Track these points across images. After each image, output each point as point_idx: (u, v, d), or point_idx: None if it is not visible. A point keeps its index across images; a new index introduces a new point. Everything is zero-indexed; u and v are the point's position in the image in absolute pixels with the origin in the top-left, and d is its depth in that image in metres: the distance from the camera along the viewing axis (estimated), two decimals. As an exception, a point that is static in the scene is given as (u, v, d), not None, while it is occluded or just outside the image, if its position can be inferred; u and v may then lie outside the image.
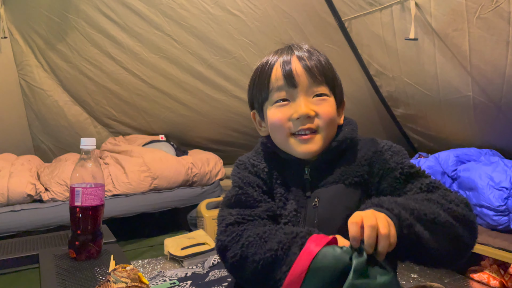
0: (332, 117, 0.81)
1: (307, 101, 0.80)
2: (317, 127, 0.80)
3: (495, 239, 2.07)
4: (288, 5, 2.57)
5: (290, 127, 0.80)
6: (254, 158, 0.90)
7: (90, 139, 1.11)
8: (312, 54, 0.83)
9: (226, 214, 0.81)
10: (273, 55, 0.86)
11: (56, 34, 2.78)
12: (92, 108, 3.32)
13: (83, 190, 1.08)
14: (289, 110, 0.80)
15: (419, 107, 2.89)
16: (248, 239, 0.73)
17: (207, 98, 3.18)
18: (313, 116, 0.79)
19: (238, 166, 0.90)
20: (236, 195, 0.83)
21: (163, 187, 2.98)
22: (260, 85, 0.85)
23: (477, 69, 2.27)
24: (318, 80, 0.80)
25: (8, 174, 2.60)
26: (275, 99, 0.82)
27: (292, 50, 0.84)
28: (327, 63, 0.84)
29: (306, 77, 0.80)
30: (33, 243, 1.27)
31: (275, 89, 0.82)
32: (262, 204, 0.82)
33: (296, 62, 0.81)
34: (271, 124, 0.84)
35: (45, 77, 3.05)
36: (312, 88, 0.80)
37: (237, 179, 0.86)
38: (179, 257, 2.52)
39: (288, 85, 0.80)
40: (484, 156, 2.57)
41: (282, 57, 0.83)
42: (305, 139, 0.80)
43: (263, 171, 0.86)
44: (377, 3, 2.33)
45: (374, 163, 0.81)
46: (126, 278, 0.80)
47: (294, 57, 0.82)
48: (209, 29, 2.70)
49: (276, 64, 0.83)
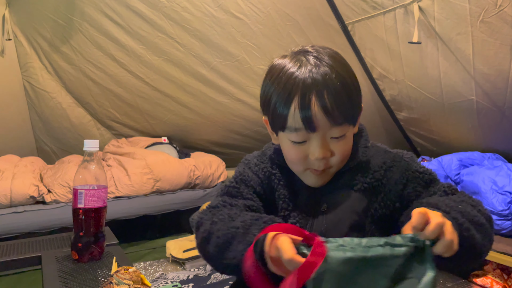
0: (347, 153, 0.80)
1: (324, 143, 0.76)
2: (330, 166, 0.79)
3: (498, 243, 2.07)
4: (292, 9, 2.58)
5: (305, 164, 0.79)
6: (258, 158, 0.90)
7: (94, 141, 1.11)
8: (332, 84, 0.73)
9: (213, 200, 0.85)
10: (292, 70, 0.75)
11: (60, 37, 2.79)
12: (95, 110, 3.33)
13: (86, 192, 1.08)
14: (305, 150, 0.77)
15: (422, 111, 2.88)
16: (218, 217, 0.76)
17: (210, 100, 3.18)
18: (329, 157, 0.77)
19: (243, 162, 0.92)
20: (228, 187, 0.86)
21: (165, 189, 2.98)
22: (276, 111, 0.76)
23: (481, 73, 2.27)
24: (338, 122, 0.74)
25: (11, 175, 2.61)
26: (292, 138, 0.77)
27: (309, 78, 0.73)
28: (347, 89, 0.75)
29: (326, 121, 0.73)
30: (35, 244, 1.27)
31: (292, 129, 0.75)
32: (247, 199, 0.84)
33: (315, 105, 0.72)
34: (286, 155, 0.82)
35: (48, 79, 3.06)
36: (331, 130, 0.75)
37: (237, 174, 0.89)
38: (181, 260, 2.52)
39: (306, 130, 0.74)
40: (488, 160, 2.56)
41: (300, 91, 0.73)
42: (317, 174, 0.79)
43: (263, 170, 0.87)
44: (381, 7, 2.33)
45: (393, 171, 0.82)
46: (129, 280, 0.80)
47: (313, 97, 0.72)
48: (213, 32, 2.71)
49: (295, 100, 0.73)
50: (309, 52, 0.77)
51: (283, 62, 0.78)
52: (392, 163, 0.83)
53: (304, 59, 0.76)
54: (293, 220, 0.82)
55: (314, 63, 0.75)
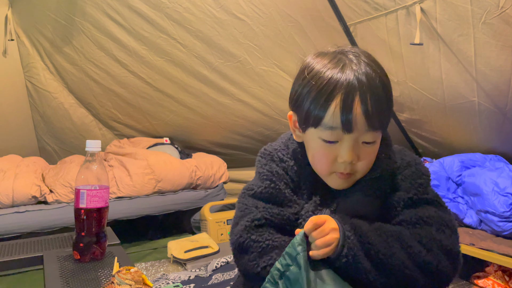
0: (373, 160, 0.79)
1: (355, 146, 0.75)
2: (355, 170, 0.78)
3: (500, 245, 2.06)
4: (293, 10, 2.58)
5: (332, 166, 0.78)
6: (283, 152, 0.85)
7: (96, 141, 1.11)
8: (375, 87, 0.73)
9: (251, 205, 0.80)
10: (333, 72, 0.74)
11: (63, 37, 2.80)
12: (97, 111, 3.34)
13: (88, 192, 1.08)
14: (335, 152, 0.76)
15: (424, 112, 2.88)
16: (270, 254, 0.76)
17: (212, 101, 3.18)
18: (357, 162, 0.77)
19: (264, 157, 0.86)
20: (266, 188, 0.81)
21: (167, 189, 2.98)
22: (313, 109, 0.75)
23: (483, 74, 2.27)
24: (375, 127, 0.74)
25: (13, 175, 2.62)
26: (324, 137, 0.76)
27: (355, 80, 0.73)
28: (387, 94, 0.75)
29: (364, 124, 0.73)
30: (37, 244, 1.27)
31: (327, 126, 0.74)
32: (292, 204, 0.81)
33: (357, 106, 0.72)
34: (313, 155, 0.80)
35: (51, 79, 3.07)
36: (365, 134, 0.74)
37: (266, 171, 0.83)
38: (182, 260, 2.52)
39: (343, 131, 0.74)
40: (489, 161, 2.56)
41: (344, 91, 0.72)
42: (342, 177, 0.78)
43: (293, 168, 0.83)
44: (383, 8, 2.33)
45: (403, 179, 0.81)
46: (130, 280, 0.80)
47: (357, 99, 0.72)
48: (215, 33, 2.71)
49: (337, 99, 0.72)
50: (349, 52, 0.77)
51: (323, 61, 0.77)
52: (405, 170, 0.82)
53: (346, 59, 0.76)
54: (301, 220, 0.81)
55: (357, 64, 0.75)
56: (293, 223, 0.80)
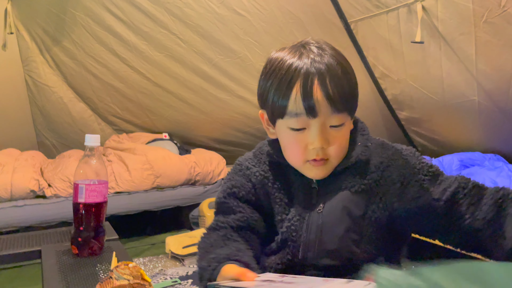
0: (344, 145, 0.80)
1: (323, 131, 0.76)
2: (328, 156, 0.78)
3: (498, 244, 2.06)
4: (295, 6, 2.57)
5: (304, 155, 0.78)
6: (250, 160, 0.89)
7: (95, 136, 1.11)
8: (334, 72, 0.74)
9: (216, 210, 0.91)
10: (292, 60, 0.76)
11: (62, 31, 2.79)
12: (96, 105, 3.33)
13: (87, 186, 1.08)
14: (304, 139, 0.77)
15: (424, 111, 2.88)
16: (202, 245, 0.85)
17: (211, 97, 3.18)
18: (327, 147, 0.77)
19: (235, 168, 0.91)
20: (219, 203, 0.89)
21: (165, 185, 2.98)
22: (276, 99, 0.78)
23: (483, 73, 2.27)
24: (339, 109, 0.75)
25: (12, 169, 2.61)
26: (291, 125, 0.77)
27: (312, 67, 0.74)
28: (348, 78, 0.76)
29: (327, 107, 0.74)
30: (35, 238, 1.27)
31: (292, 114, 0.76)
32: (237, 213, 0.85)
33: (318, 90, 0.73)
34: (285, 147, 0.81)
35: (50, 73, 3.06)
36: (331, 117, 0.75)
37: (226, 186, 0.88)
38: (180, 256, 2.52)
39: (308, 116, 0.75)
40: (488, 161, 2.56)
41: (303, 77, 0.74)
42: (317, 165, 0.78)
43: (255, 175, 0.86)
44: (384, 6, 2.33)
45: (390, 170, 0.80)
46: (129, 275, 0.80)
47: (316, 82, 0.73)
48: (215, 29, 2.70)
49: (297, 85, 0.74)
50: (310, 43, 0.79)
51: (282, 54, 0.79)
52: (390, 162, 0.81)
53: (305, 50, 0.77)
54: (288, 224, 0.81)
55: (316, 52, 0.76)
56: (255, 224, 0.84)
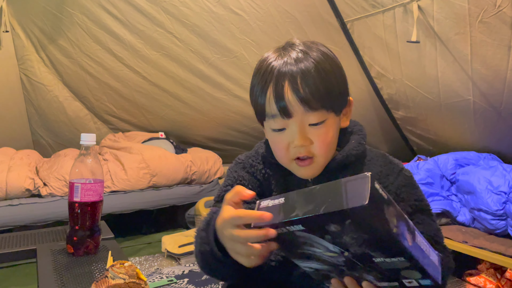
0: (329, 142, 0.79)
1: (302, 130, 0.76)
2: (313, 154, 0.78)
3: (492, 243, 2.08)
4: (291, 6, 2.57)
5: (289, 154, 0.79)
6: (253, 158, 0.89)
7: (91, 134, 1.11)
8: (307, 72, 0.74)
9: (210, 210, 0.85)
10: (271, 61, 0.78)
11: (58, 29, 2.77)
12: (92, 104, 3.32)
13: (82, 185, 1.08)
14: (286, 138, 0.78)
15: (420, 110, 2.89)
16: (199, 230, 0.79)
17: (208, 96, 3.18)
18: (309, 144, 0.77)
19: (237, 164, 0.90)
20: (224, 190, 0.85)
21: (161, 184, 2.98)
22: (257, 101, 0.80)
23: (478, 73, 2.28)
24: (313, 108, 0.75)
25: (7, 168, 2.60)
26: (271, 126, 0.78)
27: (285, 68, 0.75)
28: (326, 77, 0.75)
29: (300, 107, 0.74)
30: (31, 237, 1.27)
31: (269, 115, 0.78)
32: None
33: (288, 92, 0.74)
34: (272, 147, 0.83)
35: (45, 72, 3.04)
36: (307, 116, 0.75)
37: (232, 177, 0.87)
38: (176, 255, 2.52)
39: (282, 117, 0.76)
40: (483, 160, 2.57)
41: (275, 79, 0.75)
42: (303, 165, 0.79)
43: (260, 172, 0.86)
44: (380, 5, 2.33)
45: (389, 180, 0.81)
46: (124, 274, 0.80)
47: (287, 84, 0.74)
48: (211, 28, 2.70)
49: (270, 87, 0.76)
50: (294, 44, 0.80)
51: (267, 54, 0.81)
52: (389, 172, 0.81)
53: (285, 51, 0.79)
54: None
55: (294, 54, 0.77)
56: None
